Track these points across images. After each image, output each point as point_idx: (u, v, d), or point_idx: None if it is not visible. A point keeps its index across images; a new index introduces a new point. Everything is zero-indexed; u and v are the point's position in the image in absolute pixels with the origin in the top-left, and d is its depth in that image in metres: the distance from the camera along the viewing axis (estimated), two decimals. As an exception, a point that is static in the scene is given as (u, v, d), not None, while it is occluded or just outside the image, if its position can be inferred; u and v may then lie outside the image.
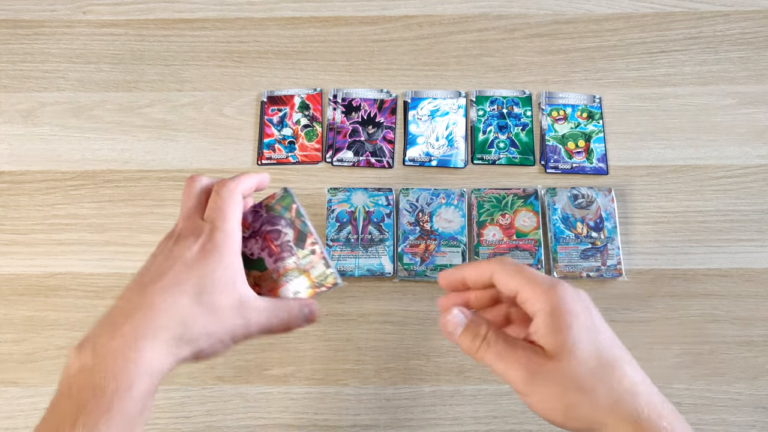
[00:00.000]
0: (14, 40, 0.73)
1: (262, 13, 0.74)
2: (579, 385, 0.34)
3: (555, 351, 0.35)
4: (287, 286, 0.44)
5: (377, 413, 0.59)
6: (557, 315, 0.35)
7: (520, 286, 0.37)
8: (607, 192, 0.65)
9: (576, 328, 0.35)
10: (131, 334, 0.35)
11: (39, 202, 0.66)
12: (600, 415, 0.34)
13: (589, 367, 0.35)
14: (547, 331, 0.36)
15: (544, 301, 0.36)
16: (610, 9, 0.74)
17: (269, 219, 0.45)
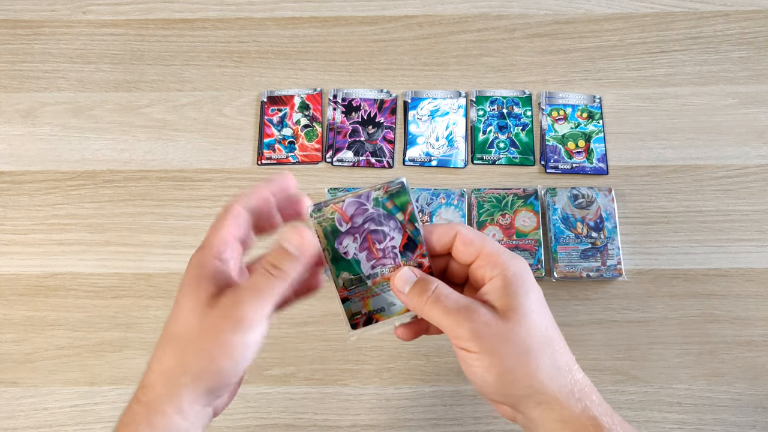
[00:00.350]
0: (14, 40, 0.73)
1: (262, 13, 0.74)
2: (525, 348, 0.35)
3: (509, 312, 0.35)
4: (382, 296, 0.40)
5: (377, 413, 0.59)
6: (517, 280, 0.36)
7: (482, 252, 0.37)
8: (607, 192, 0.65)
9: (532, 298, 0.36)
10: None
11: (39, 202, 0.66)
12: (537, 383, 0.34)
13: (538, 335, 0.35)
14: (504, 292, 0.35)
15: (506, 267, 0.36)
16: (610, 9, 0.74)
17: (376, 216, 0.39)
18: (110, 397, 0.60)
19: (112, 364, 0.61)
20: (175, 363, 0.35)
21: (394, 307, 0.40)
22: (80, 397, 0.60)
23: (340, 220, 0.38)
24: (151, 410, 0.34)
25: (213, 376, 0.34)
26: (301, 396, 0.60)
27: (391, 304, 0.40)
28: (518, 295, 0.35)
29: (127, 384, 0.60)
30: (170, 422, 0.34)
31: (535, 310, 0.35)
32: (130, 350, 0.61)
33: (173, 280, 0.63)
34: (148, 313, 0.62)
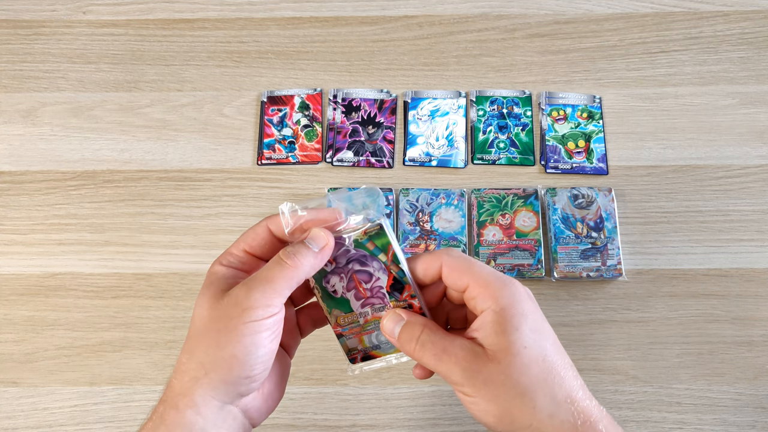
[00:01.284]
0: (14, 40, 0.73)
1: (262, 13, 0.74)
2: (520, 390, 0.33)
3: (499, 352, 0.33)
4: (375, 334, 0.39)
5: (377, 413, 0.59)
6: (506, 315, 0.34)
7: (470, 281, 0.35)
8: (607, 192, 0.65)
9: (524, 331, 0.34)
10: None
11: (39, 202, 0.66)
12: (536, 422, 0.33)
13: (532, 372, 0.33)
14: (492, 331, 0.34)
15: (494, 299, 0.34)
16: (610, 9, 0.74)
17: (358, 257, 0.38)
18: (110, 397, 0.60)
19: (112, 364, 0.61)
20: (188, 357, 0.34)
21: (390, 344, 0.39)
22: (80, 397, 0.60)
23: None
24: (166, 406, 0.34)
25: (224, 364, 0.33)
26: (300, 396, 0.60)
27: (386, 342, 0.39)
28: (508, 332, 0.33)
29: (127, 384, 0.60)
30: (183, 417, 0.33)
31: (528, 346, 0.33)
32: (130, 350, 0.61)
33: (173, 280, 0.63)
34: (148, 313, 0.62)
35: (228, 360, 0.33)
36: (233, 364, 0.33)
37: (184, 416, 0.33)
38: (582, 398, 0.34)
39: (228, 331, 0.33)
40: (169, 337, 0.61)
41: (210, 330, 0.34)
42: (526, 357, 0.33)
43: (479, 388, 0.33)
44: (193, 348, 0.34)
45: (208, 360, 0.33)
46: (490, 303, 0.34)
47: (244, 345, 0.33)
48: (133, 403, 0.60)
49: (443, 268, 0.36)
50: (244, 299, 0.33)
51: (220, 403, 0.34)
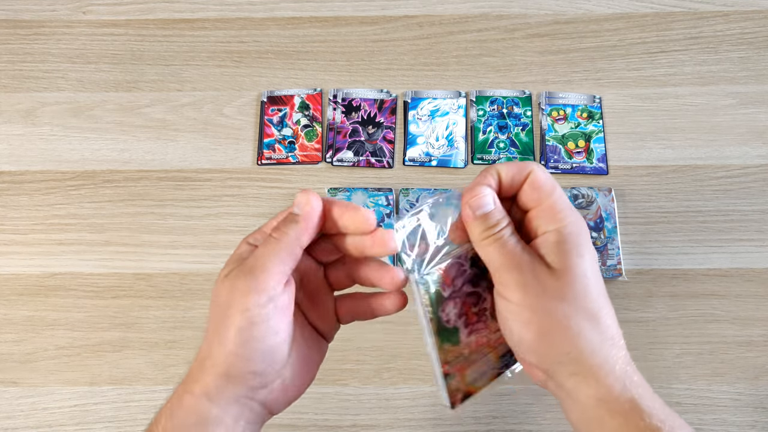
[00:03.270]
0: (14, 40, 0.73)
1: (262, 13, 0.74)
2: (571, 312, 0.32)
3: (562, 270, 0.32)
4: (477, 365, 0.36)
5: (377, 413, 0.59)
6: (574, 239, 0.33)
7: (550, 197, 0.34)
8: (607, 192, 0.65)
9: (588, 261, 0.33)
10: None
11: (39, 202, 0.66)
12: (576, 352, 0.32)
13: (587, 300, 0.32)
14: (559, 249, 0.33)
15: (565, 223, 0.33)
16: (610, 9, 0.74)
17: (471, 277, 0.35)
18: (110, 397, 0.60)
19: (112, 364, 0.61)
20: (205, 343, 0.34)
21: (485, 375, 0.37)
22: (80, 397, 0.60)
23: (443, 285, 0.34)
24: (184, 391, 0.34)
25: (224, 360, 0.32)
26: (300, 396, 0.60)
27: (484, 373, 0.37)
28: (573, 254, 0.33)
29: (127, 384, 0.60)
30: (198, 404, 0.33)
31: (588, 275, 0.32)
32: (130, 350, 0.61)
33: (173, 280, 0.63)
34: (148, 313, 0.62)
35: (228, 356, 0.32)
36: (233, 361, 0.32)
37: (198, 402, 0.33)
38: (622, 347, 0.33)
39: (225, 324, 0.32)
40: (169, 337, 0.61)
41: (214, 318, 0.33)
42: (586, 284, 0.32)
43: (529, 296, 0.32)
44: (206, 334, 0.34)
45: (211, 353, 0.33)
46: (557, 225, 0.33)
47: (241, 339, 0.32)
48: (133, 403, 0.59)
49: (527, 181, 0.34)
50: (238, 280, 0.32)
51: (233, 395, 0.33)
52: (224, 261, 0.66)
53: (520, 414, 0.59)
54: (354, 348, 0.61)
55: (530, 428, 0.58)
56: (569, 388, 0.33)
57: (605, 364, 0.32)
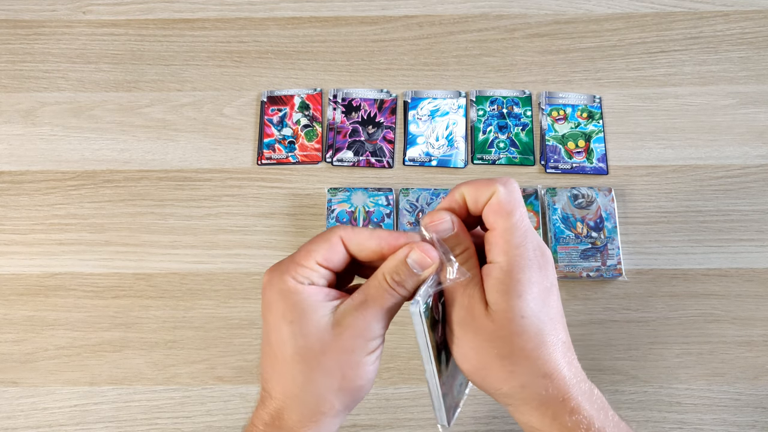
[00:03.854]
0: (14, 40, 0.73)
1: (262, 13, 0.74)
2: (503, 353, 0.33)
3: (496, 312, 0.33)
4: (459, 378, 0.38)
5: (377, 413, 0.59)
6: (514, 278, 0.32)
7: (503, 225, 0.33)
8: (607, 192, 0.65)
9: (526, 300, 0.33)
10: None
11: (39, 202, 0.66)
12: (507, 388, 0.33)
13: (521, 341, 0.33)
14: (496, 289, 0.33)
15: (507, 257, 0.33)
16: (610, 9, 0.74)
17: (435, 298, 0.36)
18: (110, 397, 0.60)
19: (112, 364, 0.61)
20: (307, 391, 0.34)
21: (464, 384, 0.39)
22: (80, 397, 0.60)
23: (435, 309, 0.35)
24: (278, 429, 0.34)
25: (351, 395, 0.34)
26: (301, 396, 0.60)
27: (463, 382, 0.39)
28: (509, 298, 0.33)
29: (127, 384, 0.60)
30: None
31: (525, 316, 0.33)
32: (130, 350, 0.61)
33: (173, 280, 0.63)
34: (148, 313, 0.62)
35: (356, 390, 0.34)
36: (360, 394, 0.35)
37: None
38: (563, 376, 0.33)
39: (355, 366, 0.34)
40: (169, 337, 0.61)
41: (330, 363, 0.33)
42: (520, 326, 0.33)
43: (467, 333, 0.34)
44: (307, 380, 0.33)
45: (333, 395, 0.34)
46: (502, 258, 0.33)
47: (368, 372, 0.34)
48: (133, 403, 0.60)
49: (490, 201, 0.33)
50: (365, 331, 0.33)
51: (338, 426, 0.36)
52: (224, 261, 0.66)
53: (520, 414, 0.59)
54: (354, 348, 0.61)
55: (530, 428, 0.58)
56: (510, 413, 0.35)
57: (534, 397, 0.33)
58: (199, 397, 0.60)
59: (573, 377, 0.34)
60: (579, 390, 0.34)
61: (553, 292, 0.34)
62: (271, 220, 0.65)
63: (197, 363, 0.61)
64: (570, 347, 0.35)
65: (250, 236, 0.65)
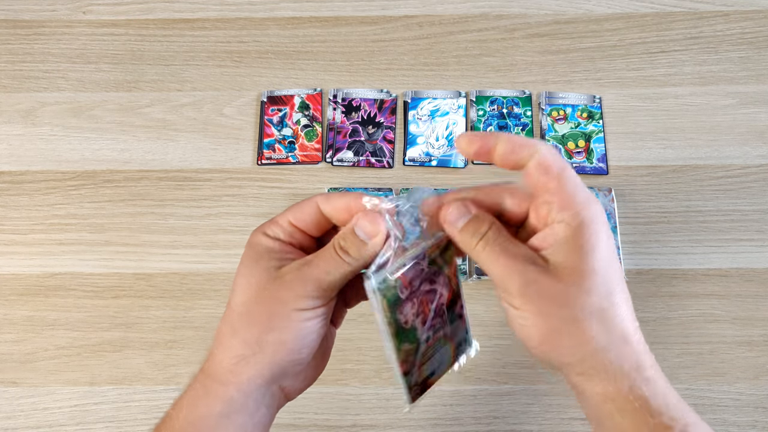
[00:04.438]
0: (14, 40, 0.73)
1: (262, 13, 0.74)
2: (576, 314, 0.30)
3: (565, 270, 0.31)
4: (433, 360, 0.37)
5: (377, 413, 0.59)
6: (585, 233, 0.30)
7: (557, 183, 0.31)
8: (607, 192, 0.65)
9: (598, 255, 0.30)
10: None
11: (39, 202, 0.66)
12: (583, 353, 0.31)
13: (594, 300, 0.30)
14: (566, 246, 0.31)
15: (574, 215, 0.30)
16: (610, 9, 0.74)
17: (429, 276, 0.35)
18: (110, 397, 0.60)
19: (112, 364, 0.61)
20: (232, 332, 0.34)
21: (443, 365, 0.38)
22: (80, 397, 0.60)
23: (401, 288, 0.34)
24: (211, 379, 0.34)
25: (271, 348, 0.33)
26: (301, 396, 0.59)
27: (441, 364, 0.37)
28: (581, 252, 0.30)
29: (127, 384, 0.60)
30: (226, 392, 0.34)
31: (598, 272, 0.30)
32: (130, 350, 0.61)
33: (173, 280, 0.63)
34: (148, 313, 0.62)
35: (276, 344, 0.33)
36: (280, 349, 0.33)
37: (227, 391, 0.34)
38: (638, 341, 0.32)
39: (279, 317, 0.33)
40: (169, 337, 0.61)
41: (259, 310, 0.34)
42: (593, 283, 0.30)
43: (532, 301, 0.31)
44: (238, 324, 0.34)
45: (254, 341, 0.33)
46: (567, 215, 0.31)
47: (294, 330, 0.33)
48: (133, 403, 0.59)
49: (532, 160, 0.32)
50: (300, 287, 0.33)
51: (264, 383, 0.34)
52: (224, 261, 0.66)
53: (521, 414, 0.59)
54: (354, 348, 0.61)
55: (530, 428, 0.58)
56: (578, 385, 0.33)
57: (612, 363, 0.31)
58: (199, 397, 0.60)
59: (643, 343, 0.32)
60: (651, 358, 0.32)
61: (615, 249, 0.32)
62: (271, 220, 0.65)
63: (197, 363, 0.60)
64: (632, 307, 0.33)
65: (250, 236, 0.65)
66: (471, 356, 0.39)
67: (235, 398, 0.34)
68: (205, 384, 0.35)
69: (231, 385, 0.34)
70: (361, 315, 0.62)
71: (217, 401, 0.34)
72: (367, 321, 0.62)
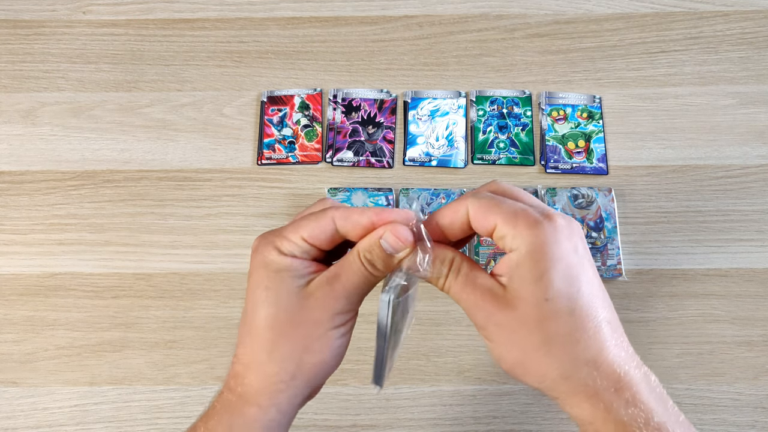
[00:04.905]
0: (14, 40, 0.73)
1: (262, 13, 0.74)
2: (534, 343, 0.30)
3: (517, 300, 0.30)
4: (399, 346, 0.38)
5: (377, 413, 0.59)
6: (532, 259, 0.30)
7: (498, 220, 0.31)
8: (607, 192, 0.65)
9: (550, 279, 0.30)
10: None
11: (39, 202, 0.66)
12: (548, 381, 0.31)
13: (552, 326, 0.30)
14: (515, 275, 0.30)
15: (522, 239, 0.30)
16: (610, 9, 0.74)
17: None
18: (110, 397, 0.60)
19: (112, 364, 0.61)
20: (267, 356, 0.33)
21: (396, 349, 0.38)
22: (80, 397, 0.60)
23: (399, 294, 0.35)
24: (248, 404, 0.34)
25: (312, 369, 0.34)
26: (301, 396, 0.60)
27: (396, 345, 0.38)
28: (529, 280, 0.30)
29: (127, 384, 0.60)
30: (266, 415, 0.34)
31: (551, 297, 0.30)
32: (130, 350, 0.61)
33: (173, 280, 0.63)
34: (148, 313, 0.62)
35: (317, 365, 0.34)
36: (322, 369, 0.34)
37: (267, 413, 0.34)
38: (613, 362, 0.30)
39: (317, 338, 0.33)
40: (169, 337, 0.61)
41: (295, 333, 0.33)
42: (547, 309, 0.30)
43: (495, 333, 0.31)
44: (273, 348, 0.33)
45: (294, 365, 0.33)
46: (519, 243, 0.30)
47: (332, 348, 0.34)
48: (133, 403, 0.59)
49: (470, 212, 0.32)
50: (333, 305, 0.33)
51: (302, 402, 0.35)
52: (224, 261, 0.66)
53: (520, 414, 0.59)
54: (354, 348, 0.60)
55: (530, 428, 0.58)
56: (561, 407, 0.33)
57: (586, 386, 0.30)
58: (199, 397, 0.60)
59: (624, 363, 0.31)
60: (633, 378, 0.30)
61: (585, 265, 0.31)
62: (271, 220, 0.65)
63: (197, 363, 0.61)
64: (617, 327, 0.32)
65: (250, 236, 0.65)
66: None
67: (274, 419, 0.34)
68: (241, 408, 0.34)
69: (271, 408, 0.34)
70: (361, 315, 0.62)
71: (256, 425, 0.34)
72: (367, 321, 0.62)
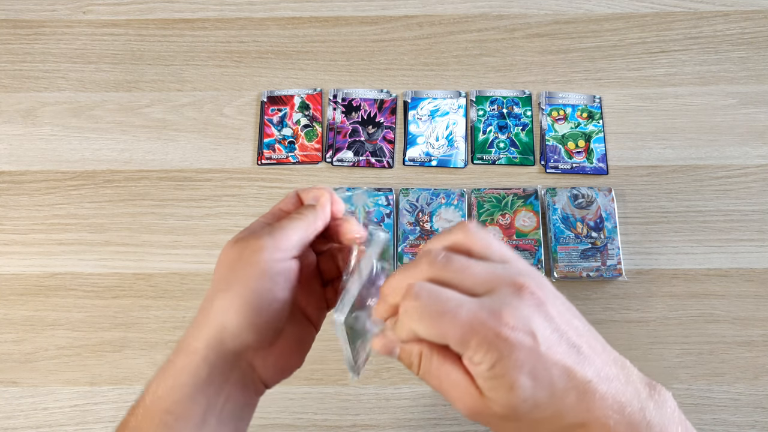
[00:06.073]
0: (14, 40, 0.73)
1: (262, 13, 0.74)
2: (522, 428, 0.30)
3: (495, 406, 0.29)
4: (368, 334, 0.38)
5: (377, 413, 0.59)
6: (499, 375, 0.28)
7: (449, 341, 0.30)
8: (607, 192, 0.65)
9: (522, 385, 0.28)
10: None
11: (39, 202, 0.66)
12: None
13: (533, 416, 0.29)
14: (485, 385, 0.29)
15: (481, 357, 0.28)
16: (610, 9, 0.74)
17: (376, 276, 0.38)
18: (110, 397, 0.60)
19: (112, 364, 0.61)
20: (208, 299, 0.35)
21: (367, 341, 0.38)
22: (80, 397, 0.60)
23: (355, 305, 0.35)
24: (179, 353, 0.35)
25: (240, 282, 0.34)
26: (300, 396, 0.60)
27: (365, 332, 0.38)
28: (501, 392, 0.29)
29: (127, 384, 0.60)
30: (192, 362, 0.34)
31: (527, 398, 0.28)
32: (130, 350, 0.61)
33: (173, 280, 0.63)
34: (148, 313, 0.62)
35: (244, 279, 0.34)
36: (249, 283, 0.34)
37: (192, 360, 0.34)
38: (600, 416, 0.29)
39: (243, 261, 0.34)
40: (169, 337, 0.61)
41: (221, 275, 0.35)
42: (525, 408, 0.29)
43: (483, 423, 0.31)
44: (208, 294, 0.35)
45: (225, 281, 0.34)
46: (479, 359, 0.29)
47: (258, 271, 0.34)
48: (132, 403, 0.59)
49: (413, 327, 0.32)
50: (259, 238, 0.35)
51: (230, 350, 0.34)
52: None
53: (520, 414, 0.59)
54: (354, 348, 0.61)
55: (530, 428, 0.58)
56: None
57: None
58: (199, 397, 0.60)
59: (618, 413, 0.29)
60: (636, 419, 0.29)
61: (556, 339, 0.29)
62: (271, 220, 0.65)
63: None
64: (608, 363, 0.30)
65: (250, 236, 0.65)
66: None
67: (200, 367, 0.34)
68: (173, 358, 0.35)
69: (197, 354, 0.34)
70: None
71: (183, 372, 0.34)
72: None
